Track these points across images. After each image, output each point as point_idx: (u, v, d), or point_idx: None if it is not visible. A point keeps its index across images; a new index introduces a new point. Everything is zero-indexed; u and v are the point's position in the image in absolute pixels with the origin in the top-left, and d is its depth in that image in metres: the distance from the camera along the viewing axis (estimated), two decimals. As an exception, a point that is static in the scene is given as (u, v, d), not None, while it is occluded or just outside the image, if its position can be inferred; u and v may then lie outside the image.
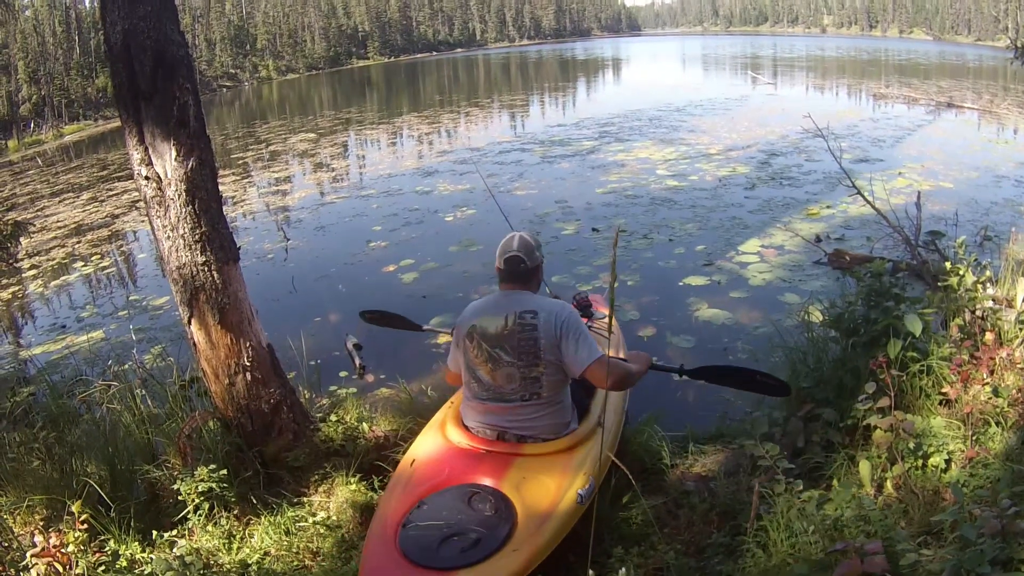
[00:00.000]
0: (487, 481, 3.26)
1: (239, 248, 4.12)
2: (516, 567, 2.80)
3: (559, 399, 3.60)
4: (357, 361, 6.85)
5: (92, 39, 56.46)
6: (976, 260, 4.86)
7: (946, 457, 3.48)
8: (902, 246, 7.97)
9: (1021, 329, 4.31)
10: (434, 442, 3.65)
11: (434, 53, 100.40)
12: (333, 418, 4.63)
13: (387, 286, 9.04)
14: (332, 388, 5.77)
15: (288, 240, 11.53)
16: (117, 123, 3.97)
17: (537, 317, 3.49)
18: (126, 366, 5.71)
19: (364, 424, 4.64)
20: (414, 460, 3.53)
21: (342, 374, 6.66)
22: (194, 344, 4.12)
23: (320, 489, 4.15)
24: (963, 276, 4.50)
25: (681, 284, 8.45)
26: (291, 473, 4.22)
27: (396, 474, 3.52)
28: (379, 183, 15.82)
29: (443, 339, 6.79)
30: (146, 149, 3.75)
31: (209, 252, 3.88)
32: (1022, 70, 6.63)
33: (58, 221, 15.74)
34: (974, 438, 3.60)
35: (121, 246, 13.32)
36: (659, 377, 4.47)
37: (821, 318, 4.61)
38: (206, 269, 3.89)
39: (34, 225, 14.62)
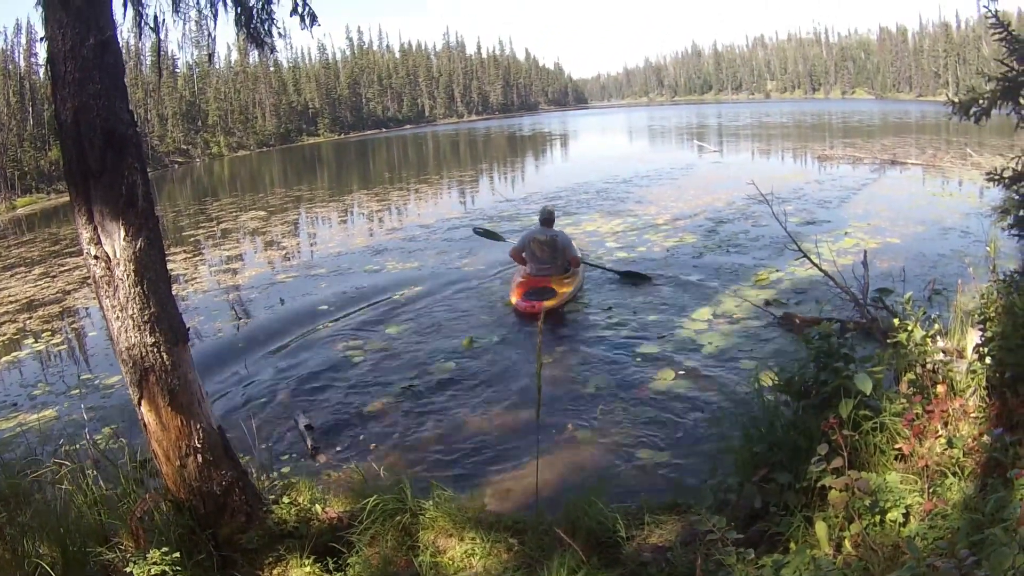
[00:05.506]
0: (545, 286, 10.37)
1: (188, 328, 4.10)
2: (557, 302, 10.10)
3: (565, 268, 10.80)
4: (309, 442, 6.78)
5: (46, 110, 55.70)
6: (925, 314, 4.93)
7: (904, 511, 3.50)
8: (852, 305, 8.08)
9: (972, 378, 4.38)
10: (521, 279, 10.71)
11: (383, 130, 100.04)
12: (286, 500, 4.55)
13: (336, 365, 8.98)
14: (284, 469, 5.69)
15: (240, 319, 11.39)
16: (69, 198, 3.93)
17: (556, 238, 10.75)
18: (78, 445, 5.57)
19: (317, 506, 4.58)
20: (517, 280, 10.76)
21: (293, 455, 6.59)
22: (145, 425, 4.06)
23: (274, 572, 4.08)
24: (911, 331, 4.56)
25: (635, 355, 8.52)
26: (245, 555, 4.14)
27: (514, 279, 10.93)
28: (329, 261, 15.76)
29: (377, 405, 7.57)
30: (95, 228, 3.73)
31: (158, 333, 3.85)
32: (962, 124, 6.83)
33: (9, 296, 15.46)
34: (931, 490, 3.63)
35: (73, 323, 13.09)
36: (607, 447, 6.39)
37: (772, 382, 4.64)
38: (155, 350, 3.85)
39: (-16, 302, 14.37)
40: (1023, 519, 2.56)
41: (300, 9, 5.33)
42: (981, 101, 6.27)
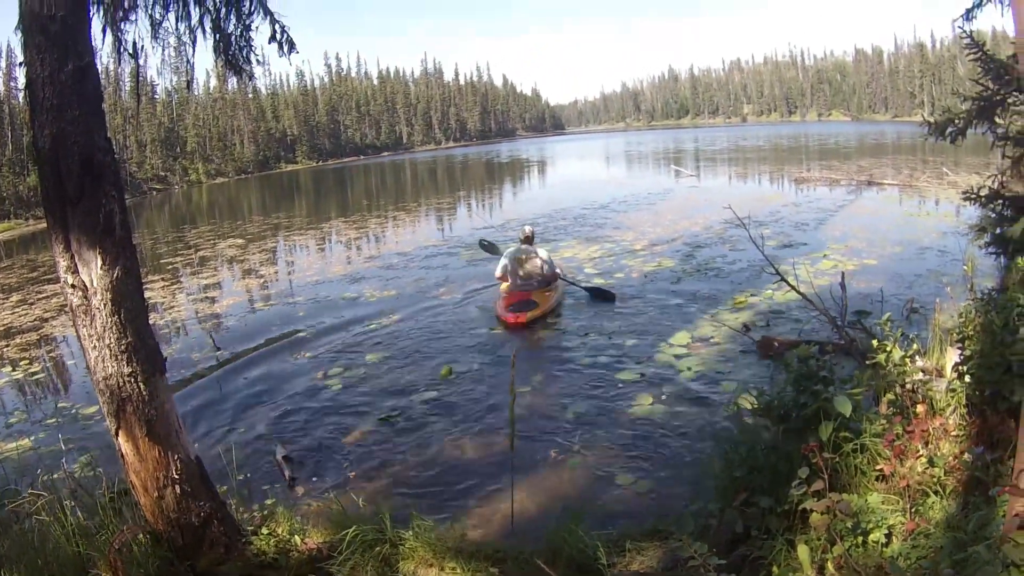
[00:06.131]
0: (527, 299, 11.45)
1: (166, 358, 4.06)
2: (539, 312, 11.14)
3: (545, 282, 11.98)
4: (287, 473, 6.73)
5: (25, 135, 55.25)
6: (903, 334, 4.96)
7: (886, 532, 3.50)
8: (830, 327, 8.11)
9: (952, 397, 4.40)
10: (506, 294, 11.84)
11: (361, 157, 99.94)
12: (265, 531, 4.51)
13: (315, 393, 8.92)
14: (266, 500, 5.63)
15: (217, 348, 11.28)
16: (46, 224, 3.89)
17: (536, 255, 12.02)
18: (56, 476, 5.53)
19: (296, 536, 4.53)
20: (502, 295, 11.89)
21: (273, 485, 6.53)
22: (122, 456, 4.01)
23: (255, 603, 4.01)
24: (890, 352, 4.58)
25: (614, 381, 8.50)
26: (224, 587, 4.07)
27: (499, 298, 11.93)
28: (307, 290, 15.64)
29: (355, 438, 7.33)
30: (72, 256, 3.70)
31: (135, 363, 3.81)
32: (938, 144, 6.94)
33: (-15, 323, 15.28)
34: (913, 510, 3.63)
35: (51, 351, 12.94)
36: (587, 474, 6.31)
37: (751, 407, 4.65)
38: (132, 380, 3.81)
39: (-40, 330, 14.18)
40: (1006, 537, 2.56)
41: (278, 36, 5.35)
42: (957, 121, 6.35)
